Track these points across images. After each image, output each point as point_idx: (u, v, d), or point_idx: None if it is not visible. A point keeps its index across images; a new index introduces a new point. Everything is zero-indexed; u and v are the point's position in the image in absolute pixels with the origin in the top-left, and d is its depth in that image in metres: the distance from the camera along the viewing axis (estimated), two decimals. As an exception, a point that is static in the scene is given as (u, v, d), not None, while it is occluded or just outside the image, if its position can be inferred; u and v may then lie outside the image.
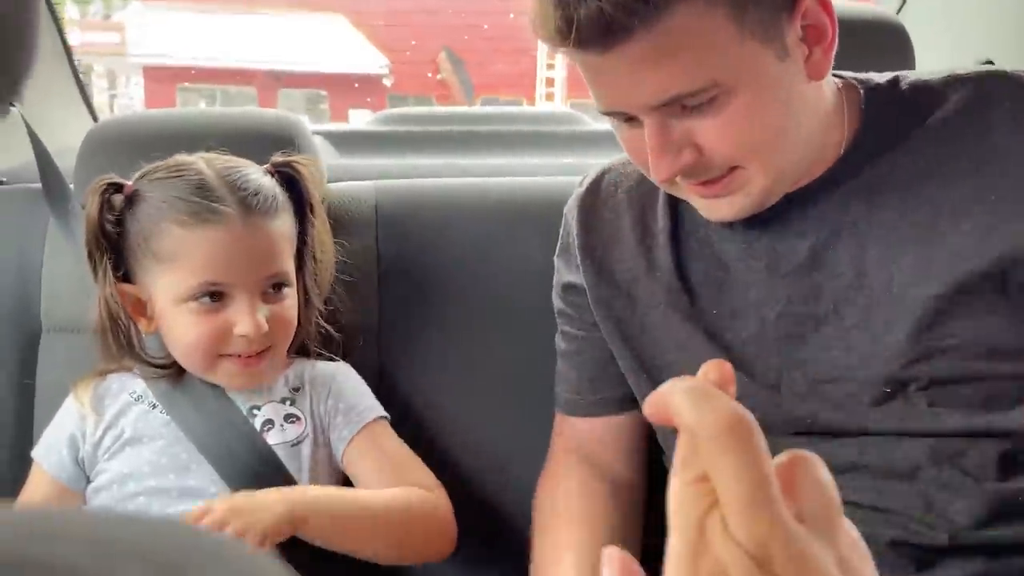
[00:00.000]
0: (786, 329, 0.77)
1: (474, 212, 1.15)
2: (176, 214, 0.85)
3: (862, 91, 0.79)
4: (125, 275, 0.90)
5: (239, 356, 0.87)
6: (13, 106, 1.24)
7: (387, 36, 11.95)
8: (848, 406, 0.74)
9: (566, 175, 1.15)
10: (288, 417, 0.91)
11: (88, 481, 0.90)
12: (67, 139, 1.28)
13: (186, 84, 12.22)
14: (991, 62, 1.32)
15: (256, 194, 0.88)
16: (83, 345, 0.97)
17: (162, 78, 11.90)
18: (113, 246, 0.89)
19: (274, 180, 0.93)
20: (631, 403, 0.90)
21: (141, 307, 0.90)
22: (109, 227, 0.88)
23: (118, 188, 0.89)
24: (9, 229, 1.12)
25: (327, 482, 0.91)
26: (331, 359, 0.99)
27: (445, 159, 1.48)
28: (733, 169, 0.72)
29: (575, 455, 0.92)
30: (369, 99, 12.04)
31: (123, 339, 0.90)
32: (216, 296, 0.85)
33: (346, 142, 1.56)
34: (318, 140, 1.55)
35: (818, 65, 0.73)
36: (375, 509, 0.86)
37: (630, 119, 0.72)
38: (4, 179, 1.20)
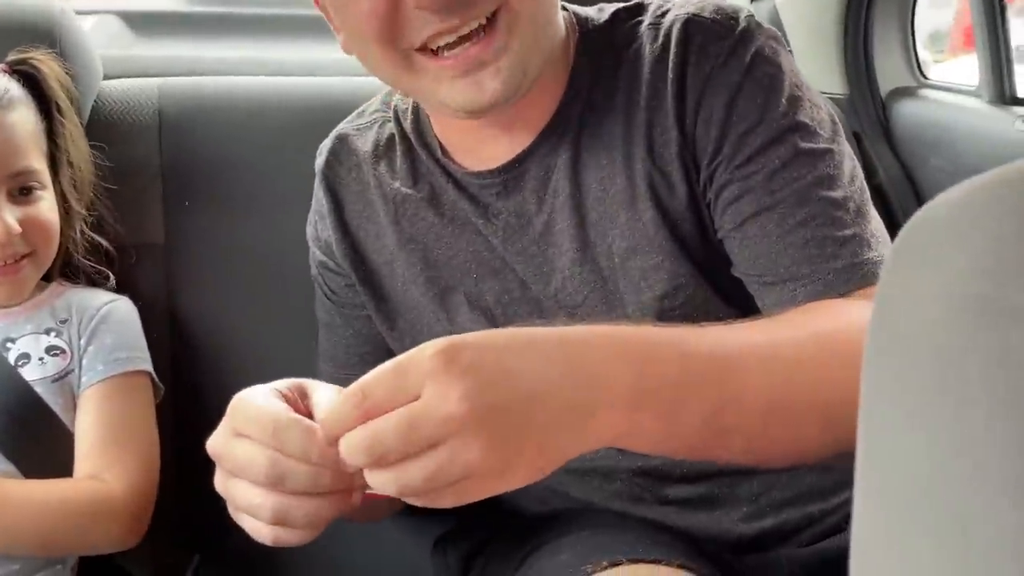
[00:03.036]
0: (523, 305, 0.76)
1: (270, 114, 1.07)
2: None
3: (578, 33, 0.75)
4: None
5: None
6: None
7: None
8: None
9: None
10: (51, 350, 0.85)
11: None
12: None
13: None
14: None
15: None
16: None
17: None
18: None
19: (11, 78, 0.86)
20: None
21: None
22: None
23: None
24: None
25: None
26: (107, 288, 0.93)
27: (261, 47, 1.37)
28: (494, 21, 0.63)
29: None
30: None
31: None
32: None
33: (145, 24, 1.42)
34: (111, 20, 1.41)
35: None
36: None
37: None
38: None
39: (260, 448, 0.50)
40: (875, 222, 0.68)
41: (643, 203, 0.70)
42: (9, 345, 0.84)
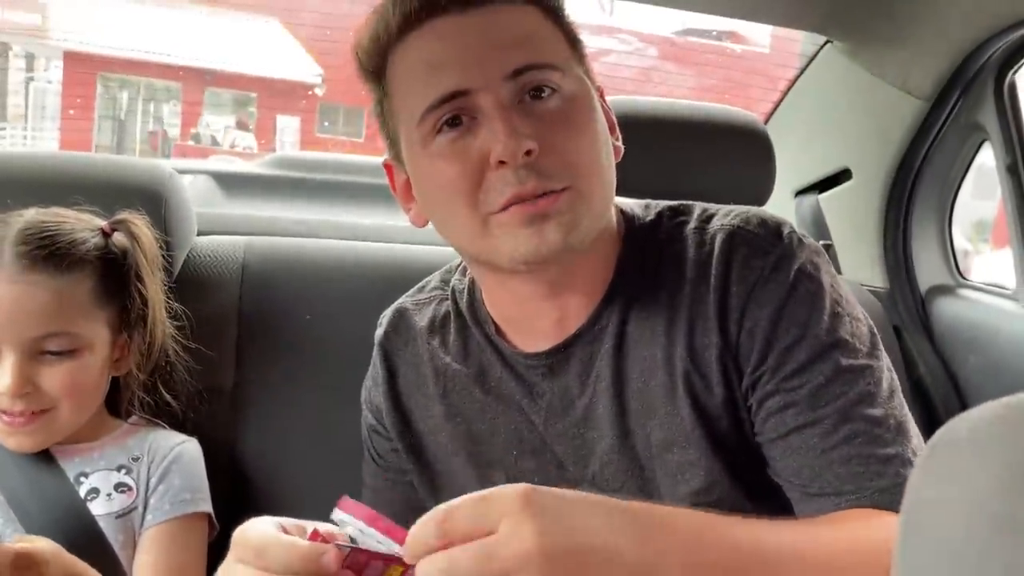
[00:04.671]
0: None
1: (342, 275, 1.16)
2: None
3: (624, 227, 0.80)
4: None
5: (4, 413, 0.85)
6: None
7: (323, 44, 11.81)
8: None
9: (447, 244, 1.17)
10: (119, 486, 0.89)
11: None
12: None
13: (107, 73, 11.85)
14: (848, 170, 1.40)
15: (41, 249, 0.86)
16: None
17: (83, 65, 11.50)
18: None
19: (103, 238, 0.92)
20: None
21: None
22: None
23: None
24: None
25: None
26: (178, 425, 0.98)
27: (335, 211, 1.48)
28: (561, 193, 0.70)
29: None
30: (301, 103, 11.89)
31: None
32: None
33: (234, 184, 1.55)
34: (203, 180, 1.54)
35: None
36: None
37: (454, 122, 0.70)
38: None
39: (250, 569, 0.55)
40: (915, 439, 0.70)
41: (681, 400, 0.73)
42: (82, 479, 0.89)
